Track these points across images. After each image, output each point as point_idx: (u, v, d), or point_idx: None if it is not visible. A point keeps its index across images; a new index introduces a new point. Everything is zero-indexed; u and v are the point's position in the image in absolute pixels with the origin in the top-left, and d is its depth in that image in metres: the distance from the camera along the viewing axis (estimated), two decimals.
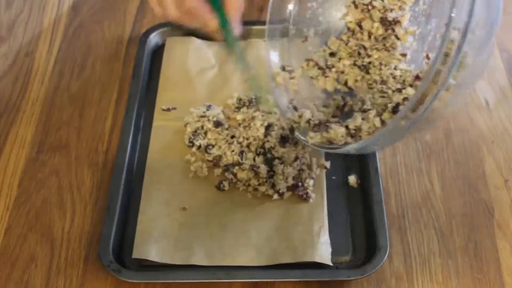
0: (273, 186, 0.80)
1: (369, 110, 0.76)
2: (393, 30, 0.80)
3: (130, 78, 0.92)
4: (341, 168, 0.84)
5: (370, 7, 0.80)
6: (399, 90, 0.76)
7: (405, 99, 0.74)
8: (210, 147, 0.83)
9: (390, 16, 0.79)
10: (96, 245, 0.76)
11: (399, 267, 0.76)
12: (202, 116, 0.87)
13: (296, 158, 0.82)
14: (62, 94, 0.92)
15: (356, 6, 0.81)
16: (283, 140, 0.83)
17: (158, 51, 0.97)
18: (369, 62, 0.81)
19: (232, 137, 0.84)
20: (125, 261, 0.76)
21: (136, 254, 0.75)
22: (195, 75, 0.93)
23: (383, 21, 0.80)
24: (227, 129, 0.85)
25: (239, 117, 0.86)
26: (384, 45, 0.81)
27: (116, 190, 0.80)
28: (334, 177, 0.83)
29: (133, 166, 0.84)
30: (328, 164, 0.84)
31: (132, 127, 0.86)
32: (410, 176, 0.83)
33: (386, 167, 0.84)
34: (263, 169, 0.80)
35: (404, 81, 0.78)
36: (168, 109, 0.89)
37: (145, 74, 0.93)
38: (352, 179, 0.82)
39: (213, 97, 0.90)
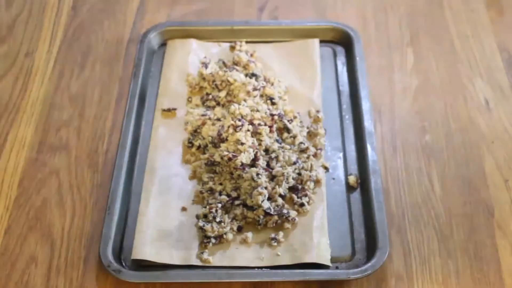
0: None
1: None
2: None
3: (130, 78, 0.91)
4: (341, 168, 0.84)
5: None
6: None
7: None
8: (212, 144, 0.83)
9: None
10: (96, 245, 0.76)
11: (399, 267, 0.76)
12: (203, 115, 0.86)
13: (295, 162, 0.82)
14: (62, 94, 0.92)
15: None
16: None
17: (158, 51, 0.97)
18: None
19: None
20: (125, 261, 0.75)
21: (136, 255, 0.74)
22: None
23: None
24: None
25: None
26: None
27: (116, 190, 0.80)
28: (334, 178, 0.83)
29: (133, 166, 0.84)
30: (328, 164, 0.83)
31: (132, 127, 0.86)
32: (410, 176, 0.83)
33: (386, 167, 0.84)
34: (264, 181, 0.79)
35: None
36: (169, 110, 0.89)
37: (145, 74, 0.93)
38: (352, 179, 0.82)
39: None
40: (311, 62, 0.94)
